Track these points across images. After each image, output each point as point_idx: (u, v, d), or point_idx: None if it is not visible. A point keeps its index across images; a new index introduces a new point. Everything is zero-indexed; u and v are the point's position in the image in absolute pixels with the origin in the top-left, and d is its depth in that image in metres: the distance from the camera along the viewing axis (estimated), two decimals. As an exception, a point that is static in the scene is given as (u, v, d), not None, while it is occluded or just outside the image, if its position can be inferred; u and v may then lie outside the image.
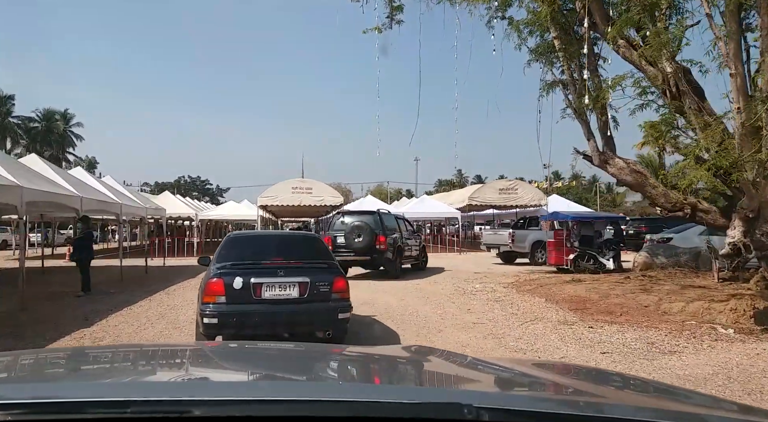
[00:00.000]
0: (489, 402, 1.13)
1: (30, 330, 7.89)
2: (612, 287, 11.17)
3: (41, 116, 68.95)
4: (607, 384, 1.95)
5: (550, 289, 11.66)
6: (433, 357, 2.24)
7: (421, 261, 18.05)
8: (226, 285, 5.97)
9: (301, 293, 6.15)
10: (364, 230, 14.49)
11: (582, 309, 9.41)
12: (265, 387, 1.47)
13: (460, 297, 11.11)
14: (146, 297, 11.66)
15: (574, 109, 12.80)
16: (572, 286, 11.69)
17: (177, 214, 26.95)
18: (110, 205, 14.58)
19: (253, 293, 6.02)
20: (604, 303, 9.74)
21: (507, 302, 10.41)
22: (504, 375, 1.86)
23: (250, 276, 6.07)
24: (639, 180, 12.40)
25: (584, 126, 12.89)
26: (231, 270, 6.17)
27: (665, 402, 1.64)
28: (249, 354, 2.19)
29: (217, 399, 1.12)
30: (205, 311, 5.92)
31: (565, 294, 10.94)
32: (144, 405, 1.05)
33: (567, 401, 1.46)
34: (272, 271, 6.23)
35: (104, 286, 13.73)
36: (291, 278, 6.17)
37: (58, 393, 1.17)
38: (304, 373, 1.82)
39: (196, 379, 1.71)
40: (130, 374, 1.77)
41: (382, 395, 1.21)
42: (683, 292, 9.98)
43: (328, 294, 6.25)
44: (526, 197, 28.61)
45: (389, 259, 14.93)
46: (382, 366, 1.96)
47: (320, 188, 26.85)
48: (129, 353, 2.28)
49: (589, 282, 12.09)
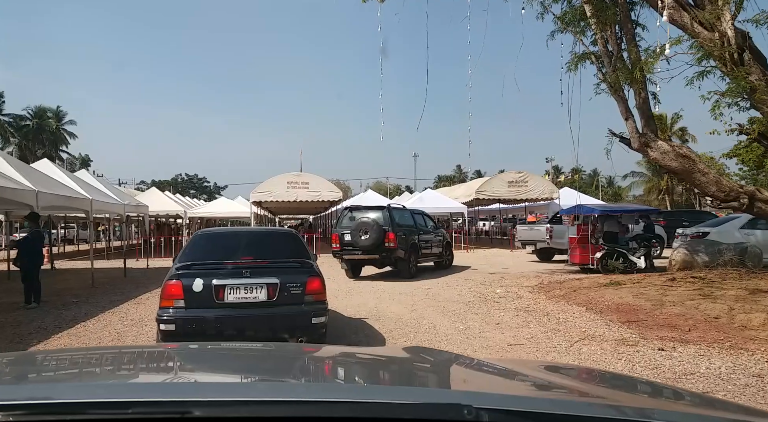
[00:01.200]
0: (489, 402, 1.12)
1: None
2: (661, 292, 9.41)
3: (33, 114, 67.69)
4: (607, 385, 1.96)
5: (587, 295, 9.89)
6: (434, 358, 2.18)
7: (445, 259, 16.58)
8: (185, 288, 5.39)
9: (269, 296, 5.54)
10: (371, 227, 13.29)
11: (636, 321, 7.65)
12: (265, 387, 1.47)
13: (483, 306, 9.35)
14: (111, 308, 9.89)
15: (610, 84, 11.01)
16: (612, 291, 9.92)
17: (164, 212, 25.14)
18: (77, 201, 12.78)
19: (215, 296, 5.42)
20: (661, 313, 7.98)
21: (541, 312, 8.64)
22: (504, 376, 1.85)
23: (212, 277, 5.46)
24: (686, 166, 10.63)
25: (621, 103, 11.11)
26: (191, 272, 5.56)
27: (666, 402, 1.64)
28: (249, 355, 2.14)
29: (218, 400, 1.11)
30: (162, 316, 5.41)
31: (607, 301, 9.18)
32: (144, 405, 1.05)
33: (567, 401, 1.46)
34: (237, 272, 5.57)
35: (70, 294, 12.00)
36: (258, 279, 5.54)
37: (58, 394, 1.18)
38: (304, 374, 1.82)
39: (196, 380, 1.70)
40: (130, 375, 1.79)
41: (382, 395, 1.21)
42: (756, 299, 8.23)
43: (300, 296, 5.60)
44: (537, 190, 26.82)
45: (401, 258, 13.70)
46: (382, 367, 1.95)
47: (317, 182, 25.04)
48: (129, 354, 2.28)
49: (630, 286, 10.32)
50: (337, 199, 25.60)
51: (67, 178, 13.98)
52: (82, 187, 14.02)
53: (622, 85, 10.90)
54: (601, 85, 11.26)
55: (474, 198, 26.66)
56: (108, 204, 15.37)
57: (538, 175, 30.49)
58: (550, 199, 27.32)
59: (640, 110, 11.01)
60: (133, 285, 13.73)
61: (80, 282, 13.96)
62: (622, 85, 10.88)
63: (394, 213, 14.22)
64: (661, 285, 10.28)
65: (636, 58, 10.75)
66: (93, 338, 7.31)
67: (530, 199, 27.51)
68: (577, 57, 11.54)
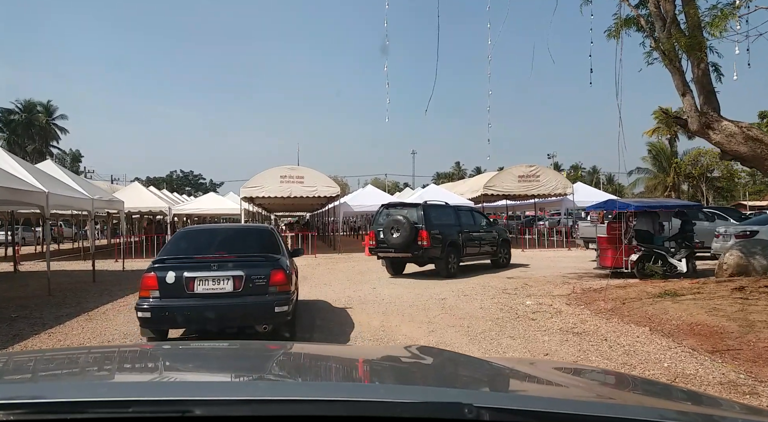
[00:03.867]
0: (490, 401, 1.13)
1: None
2: (739, 307, 7.53)
3: (22, 108, 65.87)
4: (609, 384, 1.93)
5: (642, 309, 8.01)
6: (434, 357, 2.13)
7: (501, 257, 15.90)
8: (159, 280, 5.99)
9: (235, 287, 6.05)
10: (402, 225, 13.06)
11: (727, 351, 5.77)
12: (265, 386, 1.46)
13: (516, 325, 7.45)
14: (53, 326, 7.99)
15: (663, 52, 9.08)
16: (673, 304, 8.03)
17: (147, 208, 23.16)
18: (27, 194, 10.83)
19: (185, 287, 6.00)
20: (758, 339, 6.10)
21: (595, 335, 6.74)
22: (505, 375, 1.83)
23: (183, 270, 6.06)
24: (758, 150, 8.73)
25: (677, 76, 9.19)
26: (165, 265, 6.18)
27: (668, 402, 1.61)
28: (248, 354, 2.14)
29: (218, 399, 1.10)
30: (141, 305, 6.00)
31: (672, 318, 7.29)
32: (145, 404, 1.05)
33: (568, 401, 1.42)
34: (206, 265, 6.13)
35: (17, 304, 10.10)
36: (224, 272, 6.07)
37: (59, 393, 1.18)
38: (304, 372, 1.81)
39: (196, 379, 1.67)
40: (130, 374, 1.78)
41: (383, 394, 1.20)
42: None
43: (264, 287, 6.09)
44: (550, 185, 24.85)
45: (437, 257, 13.34)
46: (383, 366, 1.94)
47: (313, 177, 23.05)
48: (129, 353, 2.24)
49: (692, 297, 8.45)
50: (334, 194, 23.64)
51: (21, 168, 12.02)
52: (39, 178, 12.09)
53: (679, 54, 9.01)
54: (653, 54, 9.34)
55: (482, 193, 24.72)
56: (72, 198, 13.41)
57: (550, 169, 28.58)
58: (563, 194, 25.40)
59: (699, 84, 9.13)
60: (97, 292, 11.83)
61: (38, 289, 12.06)
62: (678, 53, 8.98)
63: (431, 211, 13.84)
64: (730, 296, 8.41)
65: (695, 21, 8.87)
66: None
67: (542, 194, 25.59)
68: (622, 21, 9.63)
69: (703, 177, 52.00)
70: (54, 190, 12.17)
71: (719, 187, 54.57)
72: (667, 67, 9.09)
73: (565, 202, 26.71)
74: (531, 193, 25.18)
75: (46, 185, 11.95)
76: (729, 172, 52.14)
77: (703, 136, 9.13)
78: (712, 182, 53.17)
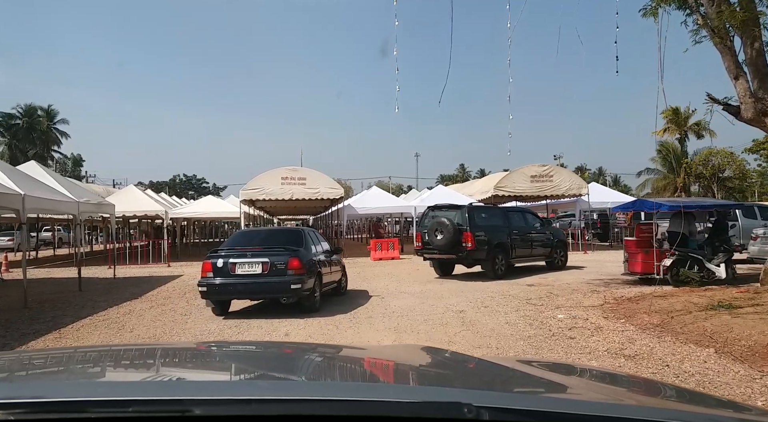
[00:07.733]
0: (489, 401, 1.10)
1: None
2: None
3: (23, 112, 65.34)
4: (609, 384, 1.90)
5: (696, 324, 6.87)
6: (434, 357, 2.14)
7: (557, 259, 15.71)
8: (213, 265, 8.57)
9: (263, 270, 8.45)
10: (445, 226, 13.16)
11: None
12: (265, 386, 1.44)
13: (550, 345, 6.33)
14: (13, 347, 6.92)
15: (712, 30, 7.96)
16: (733, 319, 6.89)
17: (142, 212, 22.11)
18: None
19: (230, 270, 8.49)
20: None
21: (651, 359, 5.61)
22: (504, 375, 1.80)
23: (229, 258, 8.58)
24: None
25: (728, 56, 8.08)
26: (217, 254, 8.76)
27: (669, 402, 1.59)
28: (248, 354, 2.14)
29: (218, 399, 1.09)
30: (201, 283, 8.58)
31: (739, 336, 6.15)
32: (145, 404, 1.04)
33: (568, 400, 1.40)
34: (243, 254, 8.61)
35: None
36: (256, 259, 8.51)
37: (59, 393, 1.16)
38: (304, 372, 1.78)
39: (197, 378, 1.69)
40: (130, 373, 1.77)
41: (382, 394, 1.19)
42: None
43: (284, 270, 8.42)
44: (564, 185, 23.66)
45: (483, 259, 13.49)
46: (383, 365, 1.92)
47: (315, 178, 21.96)
48: (128, 352, 2.22)
49: (752, 310, 7.31)
50: (338, 196, 22.56)
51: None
52: (16, 179, 11.07)
53: (730, 31, 7.89)
54: (701, 32, 8.22)
55: (492, 194, 23.58)
56: (54, 201, 12.39)
57: (564, 169, 27.40)
58: (578, 195, 24.22)
59: (753, 66, 8.01)
60: (79, 304, 10.79)
61: (17, 301, 11.01)
62: (729, 30, 7.87)
63: (476, 212, 14.03)
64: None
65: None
66: None
67: (555, 195, 24.41)
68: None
69: (714, 177, 50.82)
70: (32, 192, 11.14)
71: (730, 187, 53.39)
72: (716, 46, 7.98)
73: (580, 203, 25.50)
74: (544, 193, 24.00)
75: (23, 187, 10.92)
76: (741, 172, 50.94)
77: (757, 125, 8.02)
78: (723, 182, 52.00)
